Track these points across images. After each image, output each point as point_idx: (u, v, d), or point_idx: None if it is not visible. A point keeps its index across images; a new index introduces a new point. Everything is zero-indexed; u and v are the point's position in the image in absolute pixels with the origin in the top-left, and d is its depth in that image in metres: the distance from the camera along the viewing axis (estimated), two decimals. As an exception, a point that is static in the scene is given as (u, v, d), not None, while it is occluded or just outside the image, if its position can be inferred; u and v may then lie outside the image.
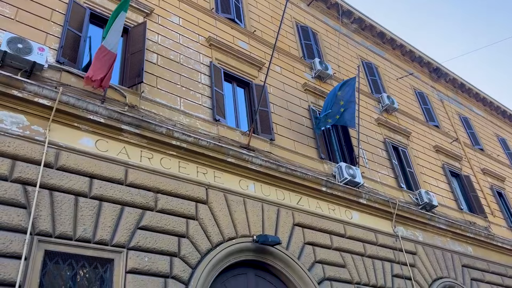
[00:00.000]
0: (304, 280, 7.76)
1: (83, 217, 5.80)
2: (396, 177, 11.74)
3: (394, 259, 9.64)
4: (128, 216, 6.23)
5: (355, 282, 8.49)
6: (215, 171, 7.80)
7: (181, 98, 8.29)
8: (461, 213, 12.83)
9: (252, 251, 7.49)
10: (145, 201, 6.52)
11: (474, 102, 19.44)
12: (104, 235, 5.85)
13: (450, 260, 11.07)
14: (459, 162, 14.85)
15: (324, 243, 8.57)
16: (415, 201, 11.43)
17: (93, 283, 5.58)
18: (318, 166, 9.84)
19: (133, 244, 6.05)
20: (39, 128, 6.08)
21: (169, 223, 6.61)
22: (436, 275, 10.32)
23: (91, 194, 6.07)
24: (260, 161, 8.29)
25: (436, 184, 12.97)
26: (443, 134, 15.45)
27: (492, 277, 11.93)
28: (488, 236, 12.58)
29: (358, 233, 9.36)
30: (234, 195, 7.80)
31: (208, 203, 7.34)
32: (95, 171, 6.25)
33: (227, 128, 8.61)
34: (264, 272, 7.74)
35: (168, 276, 6.16)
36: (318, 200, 9.18)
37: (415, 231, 10.82)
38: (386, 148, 12.31)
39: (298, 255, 7.99)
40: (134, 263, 5.89)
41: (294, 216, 8.47)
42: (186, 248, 6.60)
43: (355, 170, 9.88)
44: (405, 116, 14.26)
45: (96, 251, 5.71)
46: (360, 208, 9.85)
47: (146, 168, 6.84)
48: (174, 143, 7.27)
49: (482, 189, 14.73)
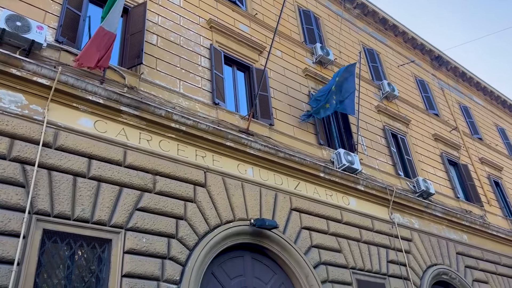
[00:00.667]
0: (300, 264, 7.84)
1: (81, 197, 5.82)
2: (394, 164, 11.77)
3: (389, 245, 9.72)
4: (126, 197, 6.25)
5: (351, 267, 8.58)
6: (214, 155, 7.80)
7: (181, 80, 8.25)
8: (457, 202, 12.91)
9: (249, 234, 7.55)
10: (143, 183, 6.54)
11: (474, 91, 19.38)
12: (102, 216, 5.88)
13: (445, 247, 11.17)
14: (458, 151, 14.88)
15: (320, 228, 8.63)
16: (412, 189, 11.49)
17: (91, 263, 5.63)
18: (316, 152, 9.85)
19: (131, 225, 6.08)
20: (38, 108, 6.06)
21: (167, 205, 6.64)
22: (430, 262, 10.43)
23: (90, 174, 6.08)
24: (259, 146, 8.29)
25: (433, 172, 13.01)
26: (443, 123, 15.44)
27: (486, 265, 12.07)
28: (483, 224, 12.68)
29: (354, 219, 9.43)
30: (233, 179, 7.82)
31: (207, 186, 7.37)
32: (93, 151, 6.25)
33: (226, 112, 8.58)
34: (261, 255, 7.81)
35: (166, 257, 6.21)
36: (316, 186, 9.22)
37: (411, 218, 10.89)
38: (385, 136, 12.31)
39: (295, 239, 8.05)
40: (132, 244, 5.93)
41: (291, 201, 8.51)
42: (184, 230, 6.65)
43: (353, 157, 9.90)
44: (405, 103, 14.23)
45: (94, 231, 5.75)
46: (358, 195, 9.90)
47: (144, 150, 6.83)
48: (173, 125, 7.25)
49: (480, 178, 14.80)
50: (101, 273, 5.63)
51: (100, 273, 5.63)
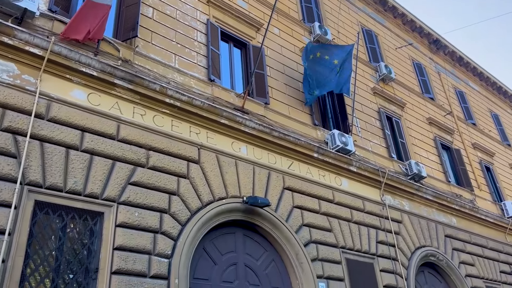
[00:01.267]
0: (291, 242, 7.92)
1: (74, 169, 5.79)
2: (388, 147, 11.81)
3: (379, 226, 9.84)
4: (119, 171, 6.23)
5: (340, 246, 8.70)
6: (208, 132, 7.77)
7: (176, 55, 8.13)
8: (448, 185, 13.04)
9: (242, 211, 7.59)
10: (136, 157, 6.51)
11: (471, 76, 19.36)
12: (94, 189, 5.87)
13: (434, 230, 11.34)
14: (451, 136, 14.96)
15: (312, 207, 8.70)
16: (404, 172, 11.57)
17: (83, 235, 5.65)
18: (311, 132, 9.84)
19: (124, 199, 6.08)
20: (30, 78, 5.96)
21: (160, 180, 6.64)
22: (419, 244, 10.59)
23: (83, 147, 6.04)
24: (254, 124, 8.26)
25: (426, 156, 13.10)
26: (438, 107, 15.46)
27: (473, 248, 12.28)
28: (472, 208, 12.85)
29: (346, 200, 9.51)
30: (226, 157, 7.82)
31: (200, 163, 7.36)
32: (86, 124, 6.19)
33: (222, 89, 8.51)
34: (252, 232, 7.88)
35: (158, 231, 6.24)
36: (309, 166, 9.24)
37: (402, 200, 11.00)
38: (380, 118, 12.32)
39: (286, 218, 8.11)
40: (124, 217, 5.95)
41: (284, 180, 8.54)
42: (177, 205, 6.67)
43: (347, 138, 9.91)
44: (401, 86, 14.19)
45: (87, 203, 5.74)
46: (350, 176, 9.95)
47: (138, 125, 6.78)
48: (167, 101, 7.19)
49: (471, 163, 14.93)
50: (92, 246, 5.66)
51: (91, 245, 5.65)
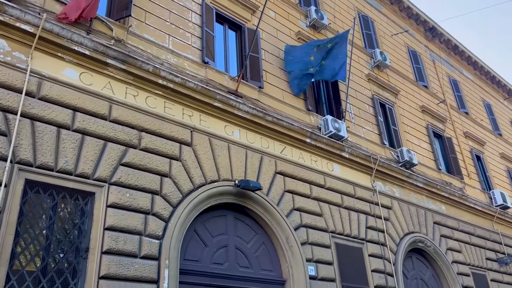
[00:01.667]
0: (282, 226, 7.99)
1: (65, 149, 5.76)
2: (380, 133, 11.86)
3: (369, 212, 9.95)
4: (110, 151, 6.21)
5: (330, 230, 8.79)
6: (201, 115, 7.74)
7: (170, 36, 8.04)
8: (439, 173, 13.17)
9: (233, 194, 7.62)
10: (128, 138, 6.48)
11: (465, 65, 19.38)
12: (86, 169, 5.85)
13: (423, 216, 11.48)
14: (443, 124, 15.04)
15: (303, 192, 8.76)
16: (396, 158, 11.65)
17: (74, 215, 5.65)
18: (304, 118, 9.84)
19: (115, 180, 6.07)
20: (21, 55, 5.87)
21: (152, 162, 6.63)
22: (408, 230, 10.74)
23: (74, 127, 5.99)
24: (247, 108, 8.24)
25: (418, 144, 13.18)
26: (431, 95, 15.50)
27: (461, 235, 12.48)
28: (461, 196, 13.02)
29: (337, 185, 9.57)
30: (219, 140, 7.81)
31: (193, 145, 7.35)
32: (78, 104, 6.13)
33: (215, 71, 8.45)
34: (243, 215, 7.93)
35: (149, 212, 6.26)
36: (302, 151, 9.27)
37: (393, 187, 11.10)
38: (373, 105, 12.34)
39: (278, 202, 8.17)
40: (115, 198, 5.95)
41: (276, 165, 8.57)
42: (168, 187, 6.67)
43: (340, 124, 9.93)
44: (395, 73, 14.19)
45: (78, 183, 5.73)
46: (342, 161, 10.01)
47: (130, 106, 6.74)
48: (160, 82, 7.13)
49: (462, 152, 15.06)
50: (83, 225, 5.66)
51: (82, 225, 5.66)
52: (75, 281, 5.30)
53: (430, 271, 11.28)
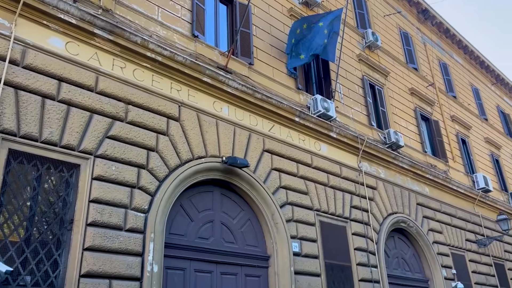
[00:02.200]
0: (267, 203, 8.06)
1: (49, 119, 5.66)
2: (368, 114, 11.91)
3: (354, 191, 10.07)
4: (96, 124, 6.13)
5: (315, 209, 8.89)
6: (190, 90, 7.65)
7: (159, 7, 7.86)
8: (424, 156, 13.33)
9: (220, 171, 7.63)
10: (115, 111, 6.40)
11: (455, 49, 19.41)
12: (71, 140, 5.77)
13: (406, 197, 11.67)
14: (431, 107, 15.14)
15: (290, 170, 8.80)
16: (382, 140, 11.74)
17: (58, 186, 5.60)
18: (294, 96, 9.81)
19: (101, 152, 6.02)
20: (5, 22, 5.68)
21: (139, 135, 6.57)
22: (391, 210, 10.92)
23: (59, 97, 5.88)
24: (237, 85, 8.17)
25: (405, 126, 13.28)
26: (420, 78, 15.55)
27: (443, 216, 12.74)
28: (445, 179, 13.24)
29: (324, 165, 9.64)
30: (207, 116, 7.76)
31: (180, 120, 7.29)
32: (64, 74, 6.01)
33: (205, 46, 8.32)
34: (230, 191, 7.96)
35: (135, 186, 6.24)
36: (290, 130, 9.28)
37: (379, 168, 11.22)
38: (363, 85, 12.33)
39: (264, 179, 8.20)
40: (100, 171, 5.90)
41: (264, 142, 8.57)
42: (155, 161, 6.64)
43: (329, 104, 9.93)
44: (386, 55, 14.15)
45: (62, 155, 5.66)
46: (329, 141, 10.05)
47: (118, 78, 6.62)
48: (149, 54, 7.00)
49: (448, 135, 15.23)
50: (68, 197, 5.63)
51: (67, 197, 5.62)
52: (59, 252, 5.30)
53: (411, 251, 11.55)
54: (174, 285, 6.49)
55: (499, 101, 21.70)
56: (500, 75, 21.89)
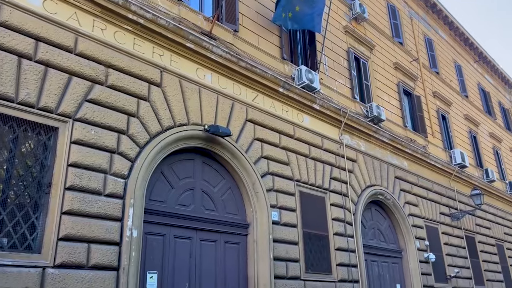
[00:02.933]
0: (249, 172, 8.09)
1: (26, 80, 5.49)
2: (352, 88, 11.92)
3: (335, 163, 10.19)
4: (75, 86, 5.97)
5: (295, 179, 8.98)
6: (172, 55, 7.49)
7: (143, -32, 7.56)
8: (404, 130, 13.51)
9: (202, 139, 7.59)
10: (95, 74, 6.23)
11: (441, 24, 19.41)
12: (49, 103, 5.62)
13: (385, 171, 11.89)
14: (414, 82, 15.24)
15: (272, 141, 8.82)
16: (365, 113, 11.82)
17: (36, 149, 5.49)
18: (278, 66, 9.72)
19: (80, 116, 5.89)
20: (-23, -25, 5.40)
21: (119, 100, 6.44)
22: (370, 183, 11.13)
23: (37, 57, 5.68)
24: (221, 52, 8.02)
25: (388, 100, 13.37)
26: (405, 52, 15.56)
27: (419, 190, 13.06)
28: (424, 154, 13.49)
29: (306, 136, 9.68)
30: (190, 83, 7.64)
31: (162, 86, 7.16)
32: (41, 33, 5.78)
33: (189, 10, 8.10)
34: (212, 160, 7.96)
35: (115, 151, 6.16)
36: (274, 100, 9.23)
37: (359, 141, 11.34)
38: (348, 58, 12.28)
39: (246, 149, 8.21)
40: (79, 135, 5.80)
41: (247, 112, 8.53)
42: (135, 127, 6.55)
43: (314, 75, 9.88)
44: (372, 28, 14.06)
45: (40, 117, 5.52)
46: (312, 113, 10.06)
47: (98, 40, 6.41)
48: (130, 16, 6.78)
49: (429, 111, 15.42)
50: (46, 160, 5.53)
51: (45, 160, 5.53)
52: (36, 215, 5.25)
53: (387, 222, 11.86)
54: (154, 250, 6.54)
55: (481, 78, 21.98)
56: (483, 53, 22.08)
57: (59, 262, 5.17)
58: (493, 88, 23.14)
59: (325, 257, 8.98)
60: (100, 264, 5.54)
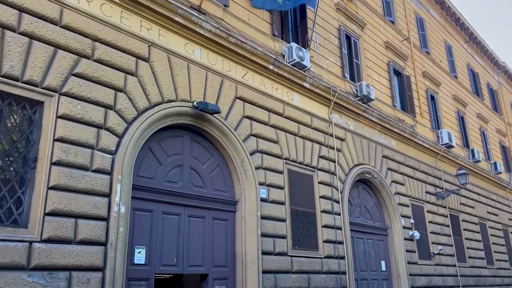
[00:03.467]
0: (238, 150, 8.09)
1: (10, 52, 5.35)
2: (343, 66, 11.88)
3: (323, 142, 10.23)
4: (61, 60, 5.84)
5: (284, 157, 9.02)
6: (160, 29, 7.35)
7: None
8: (393, 110, 13.57)
9: (191, 116, 7.54)
10: (81, 47, 6.10)
11: (433, 4, 19.30)
12: (34, 76, 5.51)
13: (373, 150, 11.98)
14: (404, 62, 15.24)
15: (262, 119, 8.80)
16: (354, 92, 11.82)
17: (21, 123, 5.40)
18: (269, 43, 9.61)
19: (66, 90, 5.79)
20: None
21: (106, 74, 6.33)
22: (358, 161, 11.22)
23: (20, 29, 5.53)
24: (210, 27, 7.90)
25: (377, 79, 13.37)
26: (396, 32, 15.49)
27: (406, 169, 13.23)
28: (411, 133, 13.61)
29: (295, 115, 9.67)
30: (178, 58, 7.53)
31: (150, 61, 7.05)
32: (25, 4, 5.61)
33: (179, -17, 7.91)
34: (200, 137, 7.93)
35: (102, 127, 6.10)
36: (263, 78, 9.17)
37: (348, 120, 11.38)
38: (339, 36, 12.19)
39: (235, 127, 8.18)
40: (66, 109, 5.71)
41: (237, 89, 8.46)
42: (123, 103, 6.47)
43: (304, 53, 9.81)
44: (364, 5, 13.93)
45: (25, 91, 5.41)
46: (302, 91, 10.03)
47: (84, 12, 6.25)
48: (118, -11, 6.62)
49: (418, 91, 15.48)
50: (31, 135, 5.45)
51: (30, 134, 5.45)
52: (22, 190, 5.20)
53: (373, 200, 12.03)
54: (142, 226, 6.56)
55: (470, 59, 22.05)
56: (474, 34, 22.08)
57: (46, 236, 5.17)
58: (482, 69, 23.25)
59: (312, 234, 9.11)
60: (88, 239, 5.55)
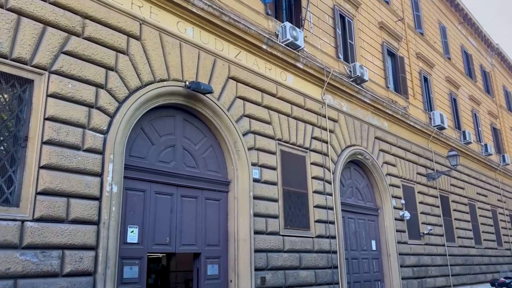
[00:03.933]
0: (230, 130, 8.08)
1: (-3, 29, 5.24)
2: (336, 47, 11.80)
3: (316, 123, 10.24)
4: (51, 37, 5.74)
5: (277, 138, 9.03)
6: (152, 7, 7.23)
7: None
8: (386, 91, 13.57)
9: (183, 96, 7.48)
10: (71, 25, 5.98)
11: (428, -16, 19.13)
12: (23, 53, 5.41)
13: (366, 131, 12.03)
14: (398, 43, 15.17)
15: (255, 99, 8.76)
16: (348, 73, 11.78)
17: (11, 102, 5.33)
18: (262, 22, 9.50)
19: (56, 68, 5.70)
20: None
21: (97, 53, 6.23)
22: (350, 143, 11.27)
23: (8, 5, 5.40)
24: (203, 5, 7.77)
25: (371, 60, 13.32)
26: (391, 12, 15.36)
27: (398, 150, 13.32)
28: (404, 115, 13.65)
29: (288, 95, 9.64)
30: (170, 37, 7.43)
31: (141, 39, 6.95)
32: (12, -21, 5.47)
33: (170, -40, 7.74)
34: (193, 117, 7.89)
35: (93, 106, 6.04)
36: (257, 58, 9.09)
37: (341, 101, 11.37)
38: (333, 16, 12.08)
39: (228, 107, 8.15)
40: (56, 88, 5.64)
41: (230, 69, 8.40)
42: (114, 81, 6.40)
43: (298, 33, 9.72)
44: (359, -15, 13.76)
45: (14, 68, 5.32)
46: (296, 72, 9.98)
47: (73, -12, 6.12)
48: (108, -36, 6.46)
49: (412, 72, 15.47)
50: (21, 114, 5.39)
51: (20, 113, 5.38)
52: (13, 169, 5.17)
53: (365, 181, 12.14)
54: (134, 205, 6.58)
55: (464, 41, 22.00)
56: (468, 15, 21.99)
57: (38, 215, 5.16)
58: (475, 51, 23.24)
59: (304, 214, 9.20)
60: (80, 218, 5.56)
